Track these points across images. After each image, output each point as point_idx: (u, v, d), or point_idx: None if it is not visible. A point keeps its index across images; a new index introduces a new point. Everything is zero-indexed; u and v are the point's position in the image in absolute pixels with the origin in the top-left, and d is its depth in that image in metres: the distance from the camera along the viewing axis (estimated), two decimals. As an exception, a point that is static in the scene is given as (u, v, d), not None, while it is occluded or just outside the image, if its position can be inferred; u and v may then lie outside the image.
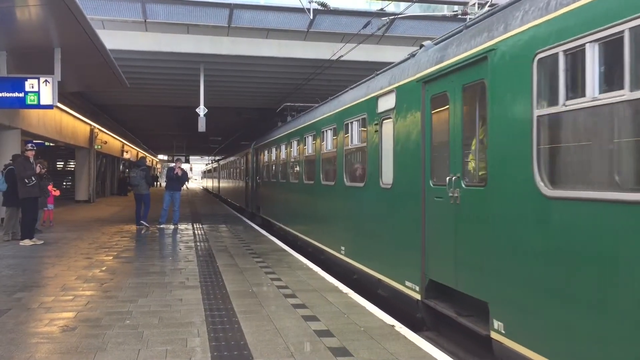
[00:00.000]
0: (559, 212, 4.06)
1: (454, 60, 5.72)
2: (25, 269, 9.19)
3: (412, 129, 6.67)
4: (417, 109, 6.56)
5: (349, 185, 9.35)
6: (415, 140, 6.58)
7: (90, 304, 6.74)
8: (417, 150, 6.51)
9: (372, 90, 8.32)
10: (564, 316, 3.98)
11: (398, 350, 5.08)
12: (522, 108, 4.49)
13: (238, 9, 17.33)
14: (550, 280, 4.11)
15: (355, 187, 9.00)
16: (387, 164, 7.50)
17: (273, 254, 11.16)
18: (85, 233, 14.82)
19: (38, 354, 4.87)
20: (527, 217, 4.41)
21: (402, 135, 6.98)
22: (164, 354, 4.87)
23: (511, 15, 4.85)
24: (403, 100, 7.02)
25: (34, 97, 12.72)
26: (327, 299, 7.11)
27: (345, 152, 9.58)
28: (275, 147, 16.89)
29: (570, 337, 3.91)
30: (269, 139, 18.66)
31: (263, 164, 19.99)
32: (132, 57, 18.55)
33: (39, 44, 12.38)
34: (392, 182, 7.29)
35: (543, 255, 4.20)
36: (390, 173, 7.34)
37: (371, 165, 8.13)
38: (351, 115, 9.21)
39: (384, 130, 7.66)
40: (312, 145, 12.08)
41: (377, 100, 7.94)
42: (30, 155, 12.68)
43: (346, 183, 9.44)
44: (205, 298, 7.11)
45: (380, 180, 7.74)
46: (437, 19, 17.94)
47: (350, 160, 9.54)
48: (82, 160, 30.08)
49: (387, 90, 7.56)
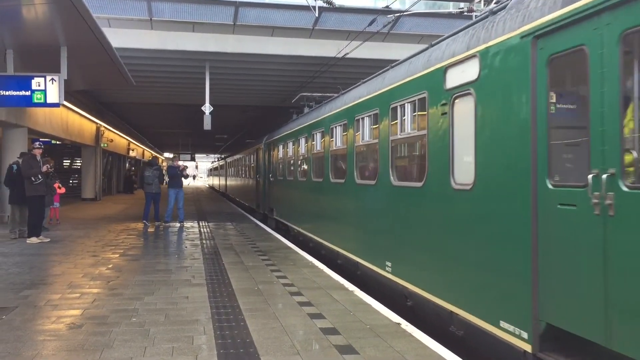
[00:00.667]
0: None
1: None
2: (32, 267, 9.23)
3: (512, 106, 4.83)
4: (522, 76, 4.70)
5: (397, 185, 7.44)
6: (519, 120, 4.72)
7: (96, 302, 6.76)
8: (523, 135, 4.66)
9: (435, 60, 6.34)
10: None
11: (404, 348, 5.07)
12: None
13: (243, 7, 17.32)
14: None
15: (408, 188, 7.10)
16: (464, 156, 5.69)
17: (279, 252, 11.16)
18: (92, 231, 14.87)
19: (45, 351, 4.89)
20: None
21: (492, 116, 5.16)
22: (170, 352, 4.88)
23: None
24: (493, 66, 5.16)
25: (40, 96, 12.76)
26: (332, 297, 7.11)
27: (391, 144, 7.66)
28: (293, 141, 14.96)
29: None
30: (285, 132, 16.58)
31: (277, 161, 17.90)
32: (138, 55, 18.59)
33: (45, 43, 12.41)
34: (472, 182, 5.41)
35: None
36: (470, 169, 5.47)
37: (435, 160, 6.21)
38: (401, 97, 7.26)
39: (457, 112, 5.77)
40: (342, 138, 10.22)
41: (444, 72, 5.99)
42: (37, 154, 12.73)
43: (393, 182, 7.50)
44: (211, 296, 7.12)
45: (451, 178, 5.80)
46: (442, 16, 17.87)
47: (399, 153, 7.85)
48: (89, 158, 30.19)
49: (464, 56, 5.64)
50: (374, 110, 8.44)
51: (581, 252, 4.04)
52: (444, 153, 5.98)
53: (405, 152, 7.82)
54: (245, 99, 27.67)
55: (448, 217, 5.92)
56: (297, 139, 14.32)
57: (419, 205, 6.73)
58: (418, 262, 6.67)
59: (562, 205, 4.25)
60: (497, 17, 5.37)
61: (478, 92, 5.38)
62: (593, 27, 3.99)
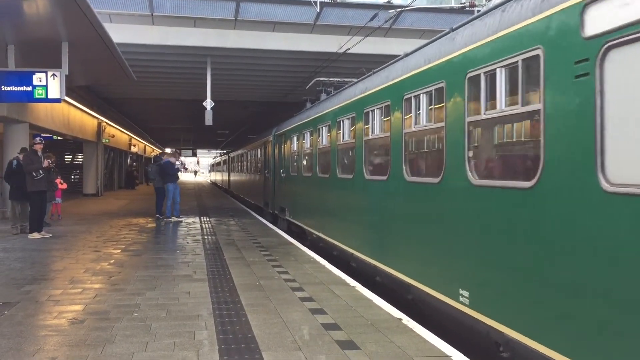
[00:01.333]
0: None
1: None
2: (34, 262, 9.24)
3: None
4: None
5: (479, 184, 5.21)
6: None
7: (98, 297, 6.77)
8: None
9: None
10: None
11: (405, 343, 5.07)
12: None
13: (245, 2, 17.33)
14: None
15: (503, 190, 4.85)
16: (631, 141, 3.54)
17: (280, 247, 11.17)
18: (94, 226, 14.89)
19: (47, 346, 4.90)
20: None
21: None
22: (171, 347, 4.89)
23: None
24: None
25: (41, 91, 12.77)
26: (334, 292, 7.11)
27: (468, 127, 5.42)
28: (311, 131, 12.84)
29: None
30: (301, 121, 14.37)
31: (290, 154, 15.58)
32: (139, 51, 18.60)
33: (46, 38, 12.41)
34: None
35: None
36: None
37: (562, 146, 4.10)
38: (494, 58, 4.94)
39: (611, 75, 3.67)
40: (382, 124, 7.91)
41: (582, 11, 3.87)
42: (38, 149, 12.73)
43: (472, 181, 5.30)
44: (213, 291, 7.12)
45: (601, 174, 3.69)
46: (444, 11, 17.88)
47: (486, 138, 5.48)
48: (90, 153, 30.22)
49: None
50: (436, 83, 6.11)
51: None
52: (586, 136, 3.82)
53: (494, 136, 5.39)
54: (246, 95, 27.69)
55: (595, 233, 3.74)
56: (317, 129, 12.19)
57: (523, 216, 4.55)
58: (525, 297, 4.45)
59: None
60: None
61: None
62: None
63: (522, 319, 4.47)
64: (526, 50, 4.45)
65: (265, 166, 20.51)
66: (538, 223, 4.34)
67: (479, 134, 5.50)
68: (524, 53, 4.49)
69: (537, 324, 4.27)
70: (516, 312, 4.56)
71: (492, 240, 5.03)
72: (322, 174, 11.65)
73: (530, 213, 4.45)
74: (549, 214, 4.22)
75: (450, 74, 5.77)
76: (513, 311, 4.60)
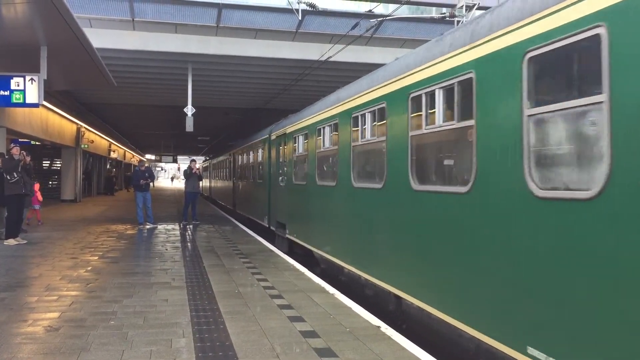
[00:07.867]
0: None
1: None
2: (9, 269, 9.09)
3: None
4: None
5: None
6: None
7: (74, 304, 6.69)
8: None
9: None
10: None
11: (383, 351, 5.09)
12: None
13: (227, 9, 17.32)
14: None
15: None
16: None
17: (260, 255, 11.14)
18: (71, 233, 14.70)
19: (20, 354, 4.82)
20: None
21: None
22: (148, 355, 4.84)
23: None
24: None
25: (19, 96, 12.62)
26: (313, 300, 7.11)
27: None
28: (325, 129, 9.91)
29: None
30: (305, 118, 11.50)
31: (292, 159, 12.57)
32: (120, 56, 18.46)
33: (24, 42, 12.27)
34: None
35: None
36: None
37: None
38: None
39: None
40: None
41: None
42: (15, 153, 12.54)
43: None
44: (191, 299, 7.08)
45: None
46: (425, 20, 18.05)
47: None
48: (69, 159, 29.86)
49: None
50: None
51: None
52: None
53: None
54: (228, 101, 27.62)
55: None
56: (332, 125, 9.46)
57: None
58: None
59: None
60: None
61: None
62: None
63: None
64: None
65: (258, 174, 17.82)
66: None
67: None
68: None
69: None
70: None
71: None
72: (343, 181, 8.64)
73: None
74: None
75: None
76: None
